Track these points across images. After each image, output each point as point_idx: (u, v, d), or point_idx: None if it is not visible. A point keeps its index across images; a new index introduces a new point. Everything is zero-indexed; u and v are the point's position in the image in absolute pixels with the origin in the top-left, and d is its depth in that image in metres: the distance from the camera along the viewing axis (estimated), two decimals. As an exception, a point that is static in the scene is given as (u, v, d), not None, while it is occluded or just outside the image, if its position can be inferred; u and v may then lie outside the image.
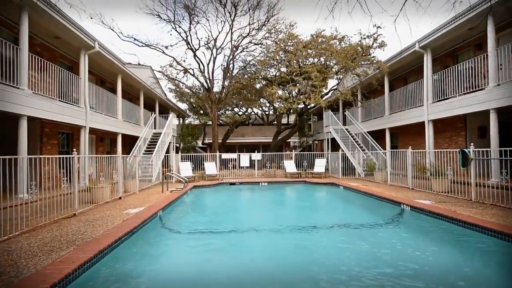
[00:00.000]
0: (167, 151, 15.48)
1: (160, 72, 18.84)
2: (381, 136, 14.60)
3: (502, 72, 8.32)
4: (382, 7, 3.93)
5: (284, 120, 29.48)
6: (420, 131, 12.19)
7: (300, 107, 17.86)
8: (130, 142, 15.31)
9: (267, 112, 31.90)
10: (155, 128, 17.07)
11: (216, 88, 20.60)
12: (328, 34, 15.05)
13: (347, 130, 16.30)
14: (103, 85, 13.72)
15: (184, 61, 19.24)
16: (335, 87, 18.10)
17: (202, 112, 25.80)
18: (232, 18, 17.64)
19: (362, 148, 14.83)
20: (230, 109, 29.06)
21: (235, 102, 26.17)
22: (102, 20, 15.71)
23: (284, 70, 16.98)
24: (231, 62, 18.93)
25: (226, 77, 19.14)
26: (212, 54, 18.61)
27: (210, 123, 22.64)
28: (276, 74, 18.36)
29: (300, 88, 15.55)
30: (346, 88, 15.20)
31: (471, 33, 10.02)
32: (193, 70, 19.02)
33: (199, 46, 18.38)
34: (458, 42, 11.15)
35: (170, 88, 23.14)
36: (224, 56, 30.26)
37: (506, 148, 6.06)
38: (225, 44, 20.53)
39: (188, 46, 18.07)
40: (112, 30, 16.25)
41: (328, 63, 15.51)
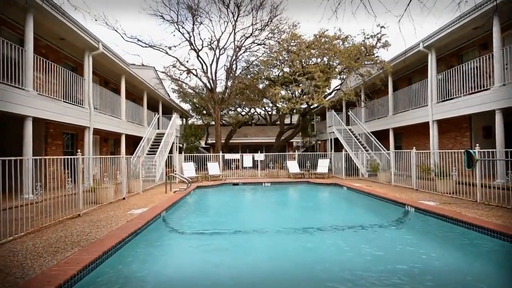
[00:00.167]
0: (170, 152, 15.55)
1: (163, 72, 18.90)
2: (384, 137, 14.52)
3: (508, 72, 8.23)
4: (387, 7, 3.90)
5: (287, 120, 29.40)
6: (424, 132, 12.11)
7: (303, 107, 17.80)
8: (133, 143, 15.37)
9: (270, 112, 31.84)
10: (158, 129, 17.11)
11: (219, 88, 20.66)
12: (331, 34, 14.98)
13: (350, 130, 16.22)
14: (107, 86, 13.80)
15: (187, 61, 19.43)
16: (338, 87, 18.02)
17: (205, 112, 25.86)
18: (235, 18, 17.68)
19: (365, 149, 14.77)
20: (233, 109, 29.04)
21: (238, 102, 26.15)
22: (106, 21, 15.81)
23: (287, 70, 16.95)
24: (234, 62, 18.98)
25: (229, 77, 19.17)
26: (215, 54, 18.67)
27: (213, 123, 22.68)
28: (279, 74, 18.33)
29: (303, 88, 15.52)
30: (350, 88, 15.14)
31: (476, 32, 9.93)
32: (196, 70, 19.08)
33: (202, 47, 18.45)
34: (463, 41, 11.04)
35: (173, 89, 23.25)
36: (227, 57, 30.26)
37: (512, 149, 5.99)
38: (228, 44, 20.53)
39: (191, 46, 18.12)
40: (116, 31, 16.36)
41: (331, 63, 15.44)
